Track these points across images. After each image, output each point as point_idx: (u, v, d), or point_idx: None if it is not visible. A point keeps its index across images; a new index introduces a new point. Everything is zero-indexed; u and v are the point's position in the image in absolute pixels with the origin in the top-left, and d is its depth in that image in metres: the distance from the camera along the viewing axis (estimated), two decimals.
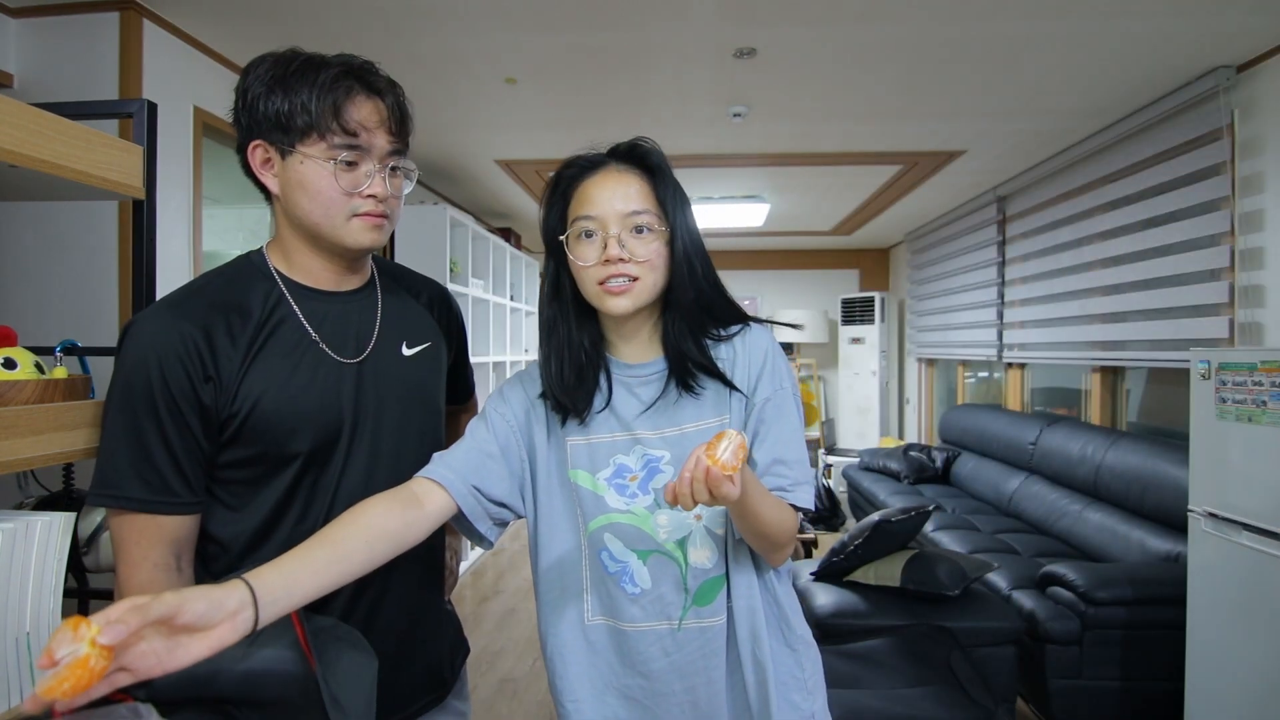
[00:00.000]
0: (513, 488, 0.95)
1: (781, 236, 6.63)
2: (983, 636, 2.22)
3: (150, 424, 0.85)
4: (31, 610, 0.98)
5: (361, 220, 0.92)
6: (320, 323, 0.95)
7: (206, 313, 0.88)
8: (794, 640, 0.96)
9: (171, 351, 0.84)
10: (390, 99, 0.93)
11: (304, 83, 0.87)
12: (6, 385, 1.01)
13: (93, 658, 0.57)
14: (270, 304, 0.93)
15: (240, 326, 0.89)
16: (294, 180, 0.90)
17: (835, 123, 3.33)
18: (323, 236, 0.93)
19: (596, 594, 0.95)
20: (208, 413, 0.87)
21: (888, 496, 4.26)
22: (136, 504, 0.85)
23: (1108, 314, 3.43)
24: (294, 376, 0.91)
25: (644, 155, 0.94)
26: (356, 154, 0.89)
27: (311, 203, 0.90)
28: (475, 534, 0.93)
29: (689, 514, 0.93)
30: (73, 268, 2.15)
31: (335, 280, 0.99)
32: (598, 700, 0.95)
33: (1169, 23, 2.29)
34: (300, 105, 0.87)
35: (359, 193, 0.90)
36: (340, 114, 0.88)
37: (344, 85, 0.88)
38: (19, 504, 1.22)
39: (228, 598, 0.66)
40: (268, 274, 0.96)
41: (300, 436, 0.90)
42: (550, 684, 0.98)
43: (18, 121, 1.00)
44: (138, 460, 0.85)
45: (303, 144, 0.88)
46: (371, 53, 0.96)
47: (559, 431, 0.97)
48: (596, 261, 0.89)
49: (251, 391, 0.88)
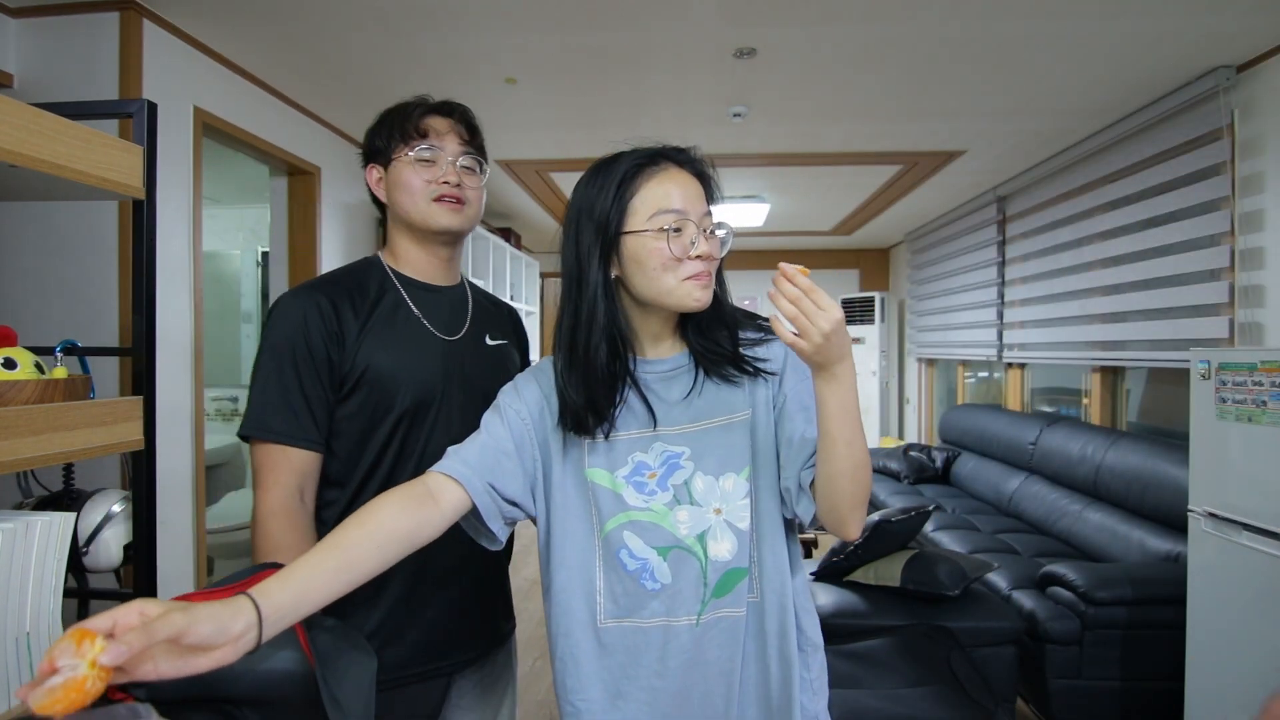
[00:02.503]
0: (525, 487, 0.94)
1: (781, 236, 6.63)
2: (983, 636, 2.22)
3: (292, 373, 1.06)
4: (31, 610, 0.98)
5: (440, 204, 1.14)
6: (423, 305, 1.17)
7: (335, 291, 1.11)
8: (804, 643, 0.97)
9: (312, 315, 1.07)
10: (459, 115, 1.19)
11: (396, 114, 1.17)
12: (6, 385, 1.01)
13: (90, 680, 0.57)
14: (384, 289, 1.16)
15: (360, 303, 1.12)
16: (393, 182, 1.16)
17: (835, 123, 3.34)
18: (415, 223, 1.15)
19: (611, 594, 0.93)
20: (334, 367, 1.08)
21: (888, 496, 4.26)
22: (275, 436, 1.05)
23: (1108, 314, 3.43)
24: (401, 344, 1.12)
25: (700, 164, 0.95)
26: (431, 151, 1.14)
27: (403, 194, 1.14)
28: (487, 532, 0.92)
29: (708, 508, 0.92)
30: (73, 268, 2.15)
31: (435, 274, 1.21)
32: (609, 704, 0.93)
33: (1169, 23, 2.29)
34: (391, 128, 1.15)
35: (436, 180, 1.14)
36: (418, 125, 1.15)
37: (420, 109, 1.16)
38: (19, 504, 1.22)
39: (234, 621, 0.67)
40: (382, 269, 1.19)
41: (403, 394, 1.10)
42: (557, 684, 0.96)
43: (18, 121, 1.00)
44: (281, 402, 1.06)
45: (395, 154, 1.15)
46: (371, 53, 0.97)
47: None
48: (683, 255, 0.88)
49: (367, 353, 1.09)
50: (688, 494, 0.92)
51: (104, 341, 2.11)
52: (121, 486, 1.53)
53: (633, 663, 0.93)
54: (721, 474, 0.93)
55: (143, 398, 1.24)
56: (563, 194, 4.76)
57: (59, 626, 1.02)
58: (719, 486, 0.93)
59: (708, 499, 0.92)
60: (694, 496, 0.92)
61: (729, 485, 0.93)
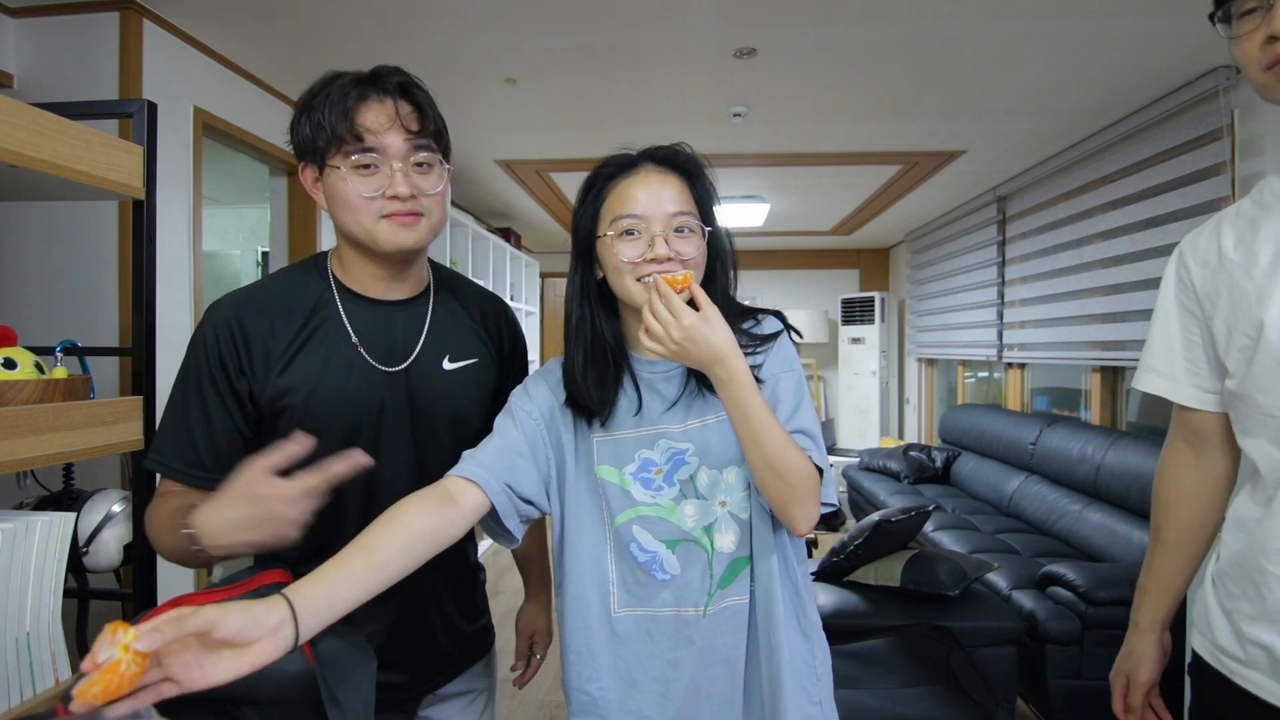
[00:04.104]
0: (539, 486, 0.96)
1: (781, 236, 6.63)
2: (983, 636, 2.22)
3: (196, 399, 0.93)
4: (31, 610, 0.98)
5: (390, 221, 0.94)
6: (363, 328, 0.99)
7: (260, 308, 0.95)
8: (808, 627, 0.98)
9: (224, 336, 0.92)
10: (403, 98, 0.94)
11: (323, 101, 0.92)
12: (6, 385, 1.01)
13: (124, 663, 0.58)
14: (318, 305, 0.98)
15: (284, 325, 0.95)
16: (330, 194, 0.95)
17: (835, 123, 3.33)
18: (361, 243, 0.96)
19: (624, 585, 0.96)
20: (240, 398, 0.93)
21: (888, 496, 4.26)
22: (170, 471, 0.92)
23: (1108, 314, 3.43)
24: (327, 375, 0.95)
25: (684, 160, 0.95)
26: (370, 156, 0.92)
27: (343, 212, 0.94)
28: (504, 531, 0.94)
29: (714, 501, 0.94)
30: (73, 268, 2.15)
31: (384, 288, 1.02)
32: (623, 692, 0.96)
33: (1169, 23, 2.29)
34: (318, 123, 0.92)
35: (381, 194, 0.93)
36: (350, 122, 0.91)
37: (353, 94, 0.92)
38: (19, 504, 1.22)
39: (267, 615, 0.67)
40: (325, 277, 1.01)
41: (329, 433, 0.92)
42: (568, 677, 0.98)
43: (18, 121, 1.00)
44: (182, 431, 0.92)
45: (330, 159, 0.93)
46: (371, 53, 0.97)
47: (584, 428, 0.98)
48: (639, 259, 0.90)
49: (288, 385, 0.93)
50: (693, 488, 0.95)
51: (104, 341, 2.11)
52: (121, 486, 1.53)
53: (646, 651, 0.95)
54: (725, 467, 0.95)
55: (143, 398, 1.24)
56: (563, 194, 4.75)
57: (59, 626, 1.02)
58: (723, 479, 0.95)
59: (713, 492, 0.95)
60: (699, 490, 0.95)
61: (731, 478, 0.95)
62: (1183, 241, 0.98)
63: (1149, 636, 1.11)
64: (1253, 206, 0.90)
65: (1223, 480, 1.00)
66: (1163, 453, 1.05)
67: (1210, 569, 0.99)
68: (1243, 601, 0.88)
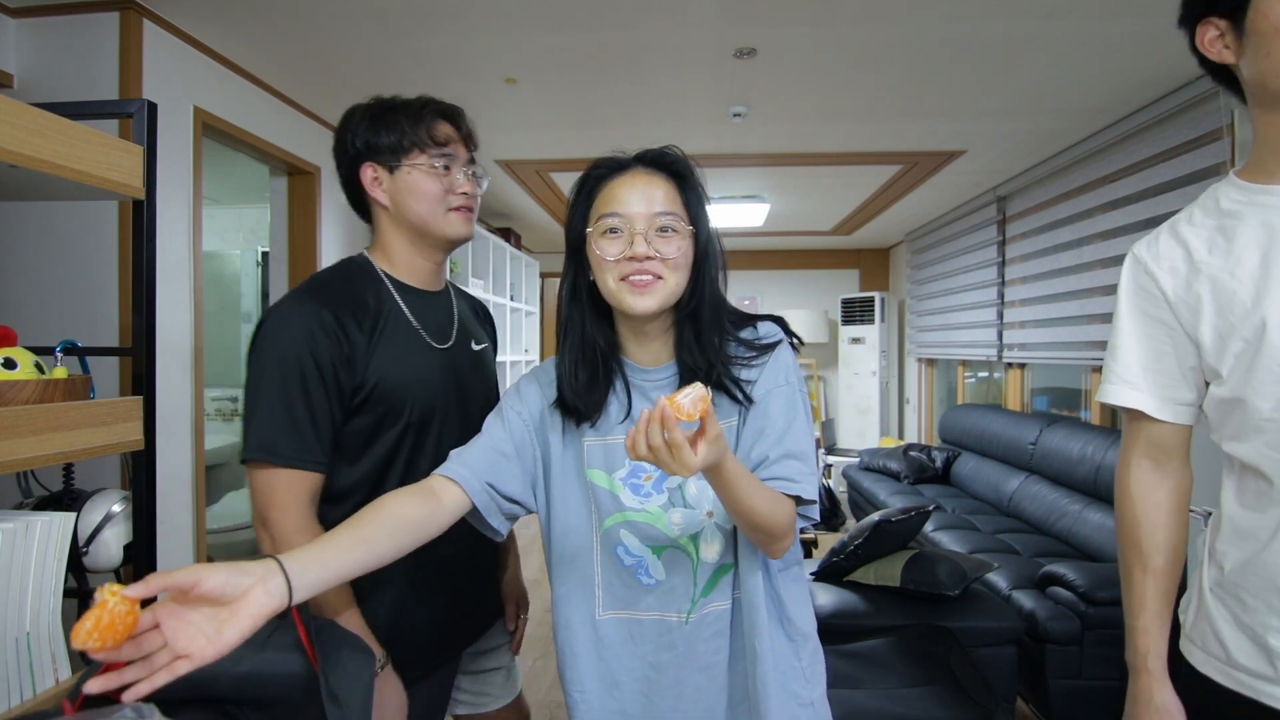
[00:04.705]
0: (525, 486, 0.97)
1: (781, 236, 6.63)
2: (983, 636, 2.22)
3: (299, 392, 1.02)
4: (31, 610, 0.98)
5: (456, 213, 1.15)
6: (418, 313, 1.16)
7: (336, 304, 1.07)
8: (793, 633, 0.97)
9: (319, 332, 1.03)
10: (462, 121, 1.19)
11: (402, 115, 1.13)
12: (6, 385, 1.01)
13: (112, 602, 0.59)
14: (381, 298, 1.13)
15: (363, 316, 1.09)
16: (404, 188, 1.13)
17: (835, 123, 3.33)
18: (429, 231, 1.15)
19: (609, 588, 0.97)
20: (342, 387, 1.05)
21: (888, 496, 4.27)
22: (285, 460, 1.01)
23: (1108, 314, 3.41)
24: (407, 358, 1.11)
25: (672, 162, 0.95)
26: (448, 160, 1.14)
27: (420, 202, 1.13)
28: (488, 527, 0.95)
29: (701, 511, 0.94)
30: (73, 268, 2.15)
31: (429, 280, 1.21)
32: (605, 693, 0.97)
33: (1169, 23, 2.27)
34: (402, 131, 1.12)
35: (453, 189, 1.14)
36: (433, 133, 1.13)
37: (430, 112, 1.14)
38: (19, 504, 1.22)
39: (251, 565, 0.68)
40: (375, 275, 1.16)
41: (411, 407, 1.10)
42: (559, 673, 1.01)
43: (18, 121, 1.00)
44: (288, 424, 1.02)
45: (408, 159, 1.12)
46: (371, 53, 0.97)
47: (574, 431, 0.98)
48: (619, 257, 0.89)
49: (376, 370, 1.08)
50: (681, 497, 0.95)
51: (104, 341, 2.11)
52: (121, 486, 1.53)
53: (628, 653, 0.96)
54: None
55: (143, 398, 1.24)
56: (563, 194, 4.76)
57: (59, 626, 1.02)
58: (710, 491, 0.93)
59: (700, 502, 0.95)
60: (687, 499, 0.95)
61: None
62: (1136, 249, 0.95)
63: (1168, 684, 1.00)
64: (1207, 215, 0.89)
65: (1187, 494, 0.98)
66: (1122, 471, 0.99)
67: (1205, 583, 0.95)
68: (1269, 615, 0.83)
